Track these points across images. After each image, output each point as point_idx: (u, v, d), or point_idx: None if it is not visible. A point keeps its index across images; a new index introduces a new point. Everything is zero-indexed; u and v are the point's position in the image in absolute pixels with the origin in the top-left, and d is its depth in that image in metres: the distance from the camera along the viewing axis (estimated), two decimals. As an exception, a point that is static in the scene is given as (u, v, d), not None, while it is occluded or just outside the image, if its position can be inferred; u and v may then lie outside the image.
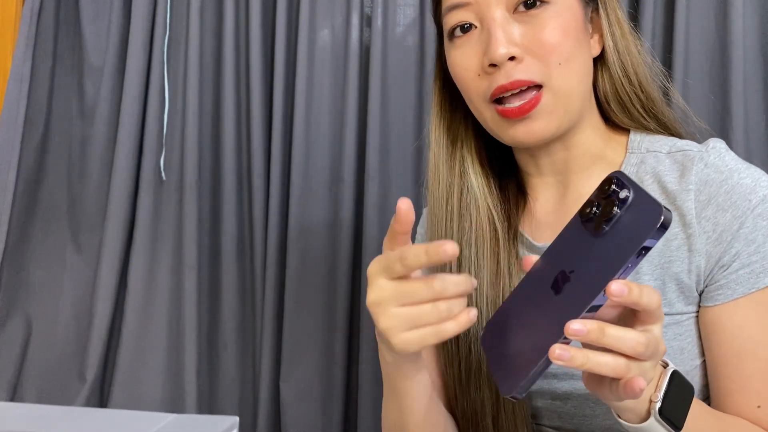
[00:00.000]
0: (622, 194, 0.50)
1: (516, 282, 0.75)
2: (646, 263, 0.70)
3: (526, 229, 0.79)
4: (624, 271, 0.47)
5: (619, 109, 0.76)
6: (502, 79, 0.69)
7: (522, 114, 0.69)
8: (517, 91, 0.69)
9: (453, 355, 0.77)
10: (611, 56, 0.74)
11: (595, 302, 0.48)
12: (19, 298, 1.48)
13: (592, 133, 0.76)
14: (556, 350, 0.47)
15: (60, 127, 1.51)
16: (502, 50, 0.67)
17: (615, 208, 0.49)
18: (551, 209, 0.78)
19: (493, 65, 0.69)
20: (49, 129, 1.51)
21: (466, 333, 0.75)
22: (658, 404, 0.53)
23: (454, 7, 0.72)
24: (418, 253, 0.52)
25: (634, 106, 0.75)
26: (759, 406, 0.67)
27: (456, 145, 0.80)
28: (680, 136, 0.77)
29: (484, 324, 0.73)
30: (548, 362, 0.48)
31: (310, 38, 1.42)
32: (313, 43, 1.42)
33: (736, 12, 1.21)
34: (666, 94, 0.79)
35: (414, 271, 0.54)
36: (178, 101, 1.46)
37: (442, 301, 0.53)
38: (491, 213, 0.78)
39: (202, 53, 1.45)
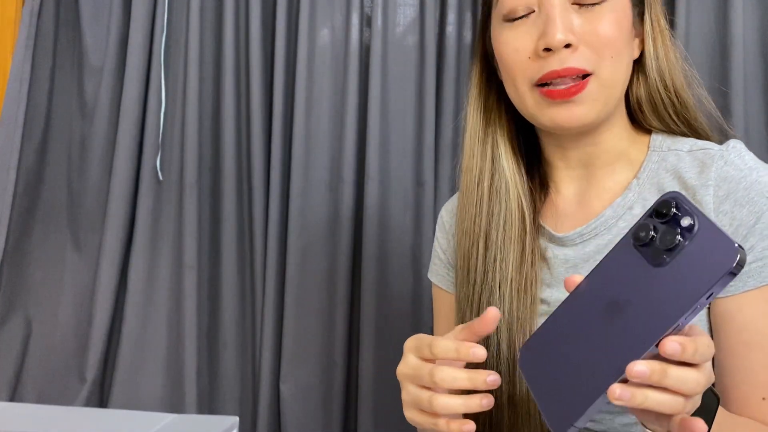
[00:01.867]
0: (685, 222, 0.46)
1: (537, 269, 0.76)
2: None
3: (548, 220, 0.81)
4: (692, 312, 0.44)
5: (652, 112, 0.77)
6: (555, 64, 0.70)
7: (567, 96, 0.70)
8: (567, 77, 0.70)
9: None
10: (650, 61, 0.76)
11: (656, 344, 0.45)
12: (19, 298, 1.47)
13: (620, 131, 0.78)
14: (617, 390, 0.45)
15: (60, 127, 1.51)
16: (560, 36, 0.69)
17: (678, 237, 0.45)
18: (573, 201, 0.80)
19: (547, 50, 0.70)
20: (49, 129, 1.51)
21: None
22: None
23: None
24: (449, 347, 0.57)
25: (667, 111, 0.77)
26: (764, 398, 0.68)
27: (490, 131, 0.82)
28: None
29: (504, 311, 0.74)
30: (606, 400, 0.46)
31: (310, 38, 1.42)
32: (313, 43, 1.43)
33: (736, 12, 1.21)
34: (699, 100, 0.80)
35: (439, 359, 0.58)
36: (177, 101, 1.46)
37: (438, 396, 0.57)
38: (520, 199, 0.79)
39: (202, 53, 1.45)
